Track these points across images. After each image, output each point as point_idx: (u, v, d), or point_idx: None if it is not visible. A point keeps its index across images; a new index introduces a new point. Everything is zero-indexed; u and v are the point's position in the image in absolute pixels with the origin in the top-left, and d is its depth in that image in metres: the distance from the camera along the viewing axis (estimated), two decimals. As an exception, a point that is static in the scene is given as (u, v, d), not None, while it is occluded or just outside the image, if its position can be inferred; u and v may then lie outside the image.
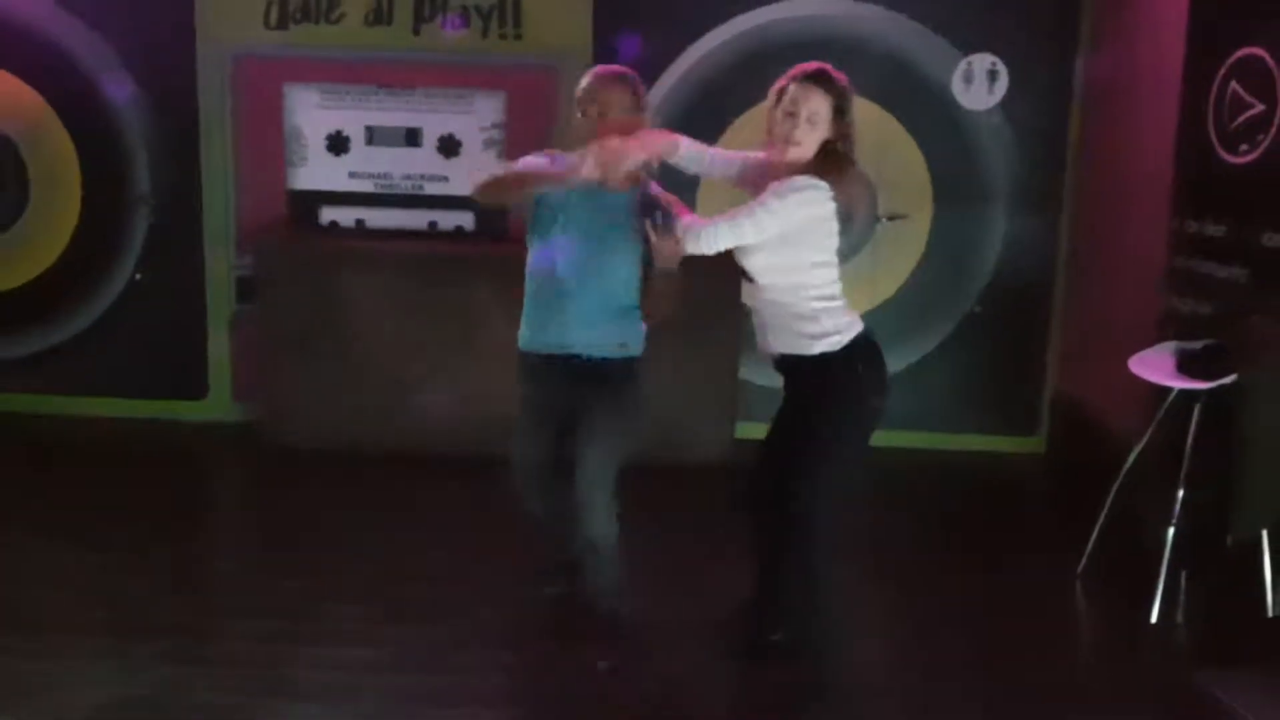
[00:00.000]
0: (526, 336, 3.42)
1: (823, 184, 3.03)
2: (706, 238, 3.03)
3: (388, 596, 3.81)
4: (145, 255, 5.60)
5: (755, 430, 5.56)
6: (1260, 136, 4.01)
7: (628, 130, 3.17)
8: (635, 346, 3.40)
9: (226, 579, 4.01)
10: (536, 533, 3.70)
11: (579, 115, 3.29)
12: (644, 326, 3.42)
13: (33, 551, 4.10)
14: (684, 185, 4.93)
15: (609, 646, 3.42)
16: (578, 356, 3.35)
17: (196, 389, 5.70)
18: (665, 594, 3.89)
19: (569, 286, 3.29)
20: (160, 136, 5.49)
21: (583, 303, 3.31)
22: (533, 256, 3.37)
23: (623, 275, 3.32)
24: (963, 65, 5.38)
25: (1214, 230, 4.29)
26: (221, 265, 5.58)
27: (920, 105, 5.42)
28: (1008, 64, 5.36)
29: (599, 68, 3.38)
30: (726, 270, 5.20)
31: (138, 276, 5.61)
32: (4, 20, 5.40)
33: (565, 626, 3.62)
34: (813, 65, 3.15)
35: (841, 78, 3.14)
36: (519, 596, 3.79)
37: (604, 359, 3.35)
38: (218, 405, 5.71)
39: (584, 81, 3.31)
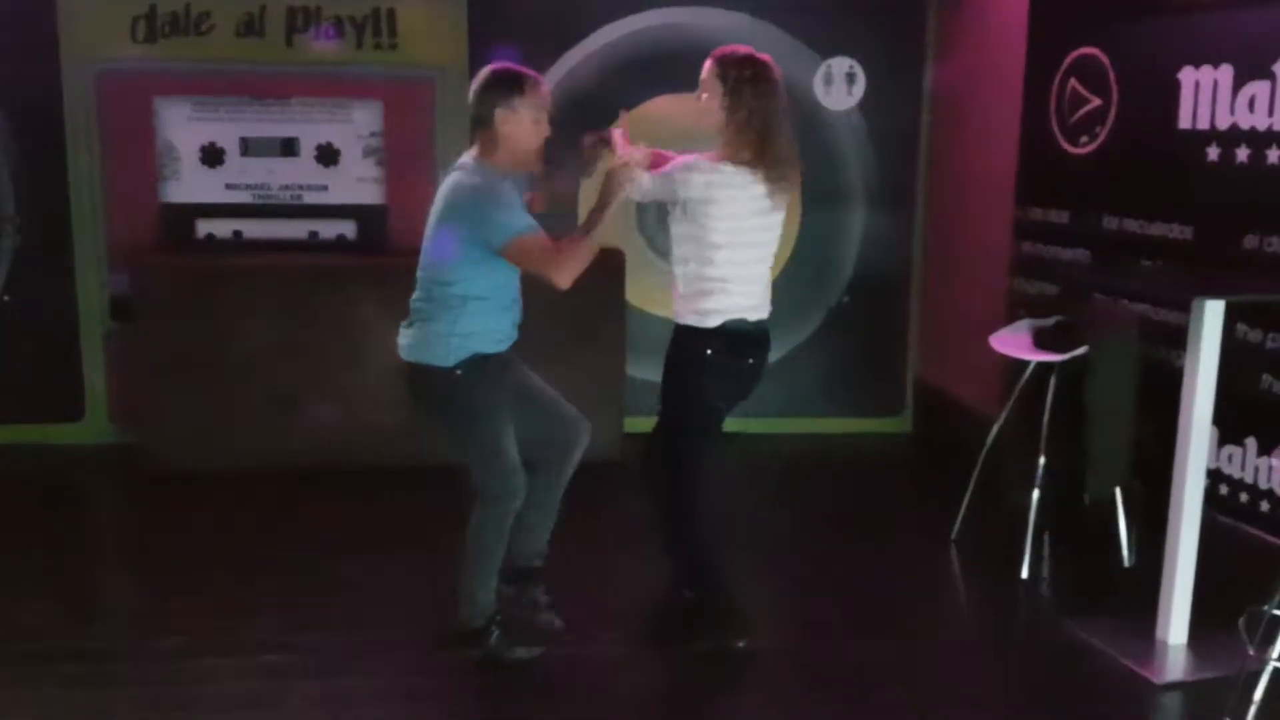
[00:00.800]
0: (497, 339, 3.37)
1: (724, 167, 3.25)
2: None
3: (294, 607, 3.83)
4: (13, 277, 5.42)
5: (643, 425, 5.77)
6: (1098, 128, 4.41)
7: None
8: None
9: (130, 602, 3.94)
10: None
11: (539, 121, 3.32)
12: None
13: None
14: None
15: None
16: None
17: (72, 411, 5.55)
18: (571, 586, 4.02)
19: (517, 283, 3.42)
20: (25, 155, 5.33)
21: None
22: (499, 271, 3.29)
23: None
24: (823, 68, 5.68)
25: (1058, 217, 4.67)
26: (94, 284, 5.45)
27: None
28: (865, 67, 5.69)
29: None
30: (611, 270, 5.39)
31: (6, 298, 5.42)
32: None
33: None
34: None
35: (735, 51, 3.39)
36: (421, 598, 3.84)
37: None
38: (94, 428, 5.57)
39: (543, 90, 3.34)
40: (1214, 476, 3.81)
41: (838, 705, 3.28)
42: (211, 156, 5.42)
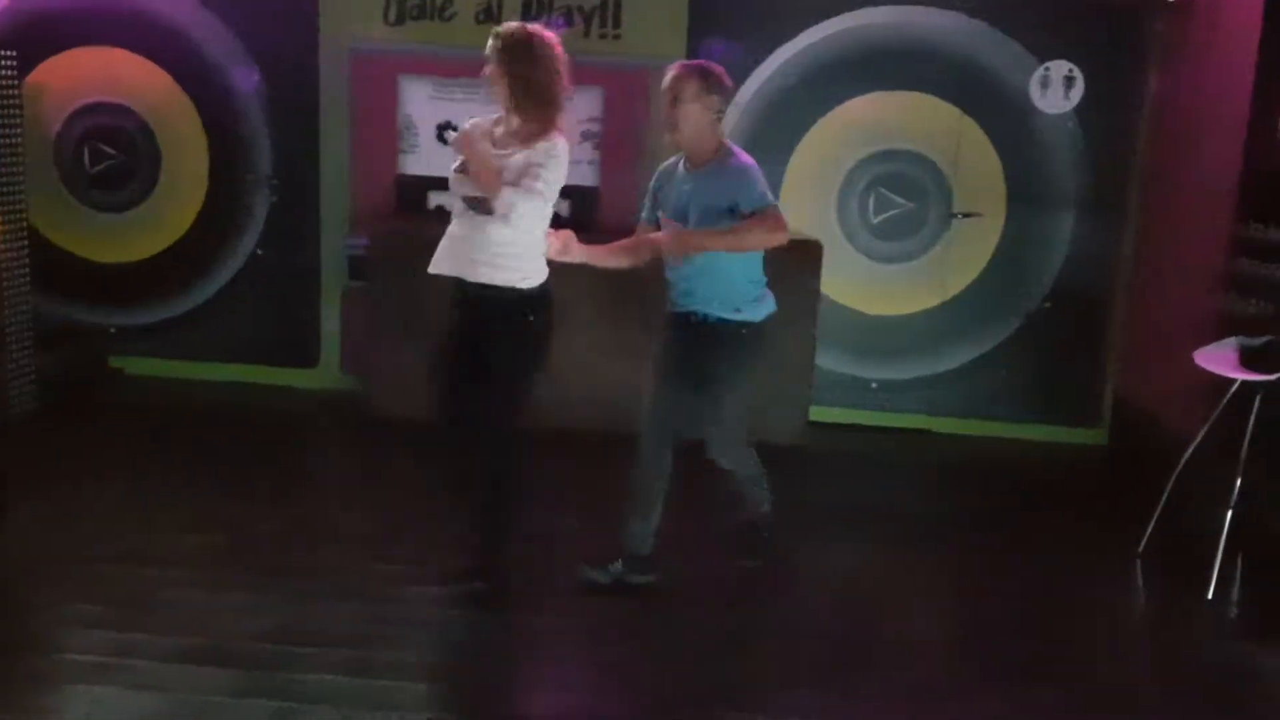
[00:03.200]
0: None
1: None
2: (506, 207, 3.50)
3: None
4: (266, 232, 6.04)
5: (829, 414, 5.91)
6: (1327, 146, 4.24)
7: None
8: None
9: (350, 531, 4.36)
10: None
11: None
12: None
13: (177, 501, 4.51)
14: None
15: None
16: None
17: (308, 359, 6.12)
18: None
19: None
20: (283, 123, 5.92)
21: None
22: None
23: None
24: (1040, 71, 5.62)
25: (1278, 234, 4.52)
26: (336, 244, 5.99)
27: (997, 108, 5.68)
28: (1084, 71, 5.60)
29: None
30: (807, 260, 5.53)
31: (259, 252, 6.05)
32: (146, 13, 5.85)
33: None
34: None
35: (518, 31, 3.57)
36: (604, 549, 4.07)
37: None
38: (326, 375, 6.12)
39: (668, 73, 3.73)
40: None
41: (997, 699, 3.35)
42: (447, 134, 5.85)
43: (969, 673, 3.50)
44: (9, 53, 5.23)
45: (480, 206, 3.54)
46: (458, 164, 3.65)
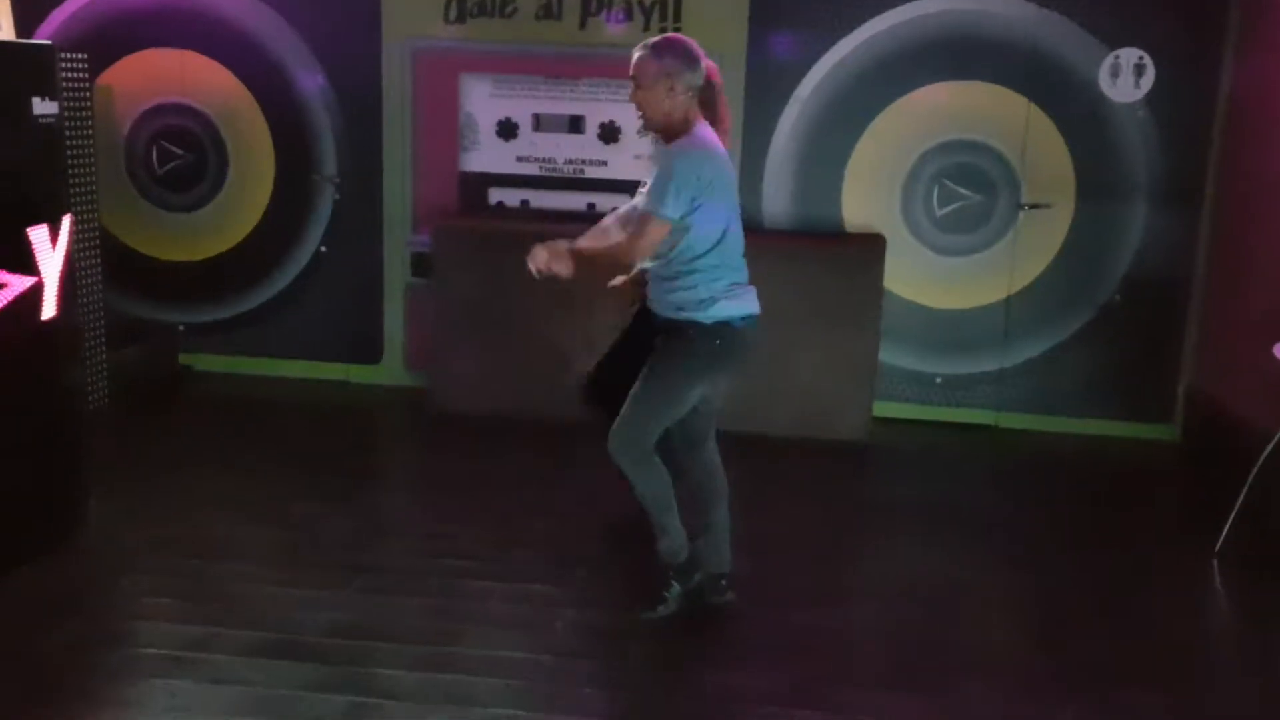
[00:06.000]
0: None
1: None
2: None
3: (564, 545, 4.18)
4: (330, 230, 6.09)
5: (893, 409, 5.85)
6: None
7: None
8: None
9: (417, 526, 4.40)
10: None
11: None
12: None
13: (247, 495, 4.58)
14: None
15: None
16: None
17: (372, 355, 6.17)
18: (786, 559, 4.18)
19: None
20: (346, 122, 5.97)
21: None
22: None
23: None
24: (1110, 59, 5.50)
25: (1363, 223, 4.39)
26: (398, 241, 6.03)
27: (1066, 97, 5.57)
28: (1155, 59, 5.47)
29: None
30: (871, 255, 5.46)
31: (323, 249, 6.11)
32: (211, 14, 5.94)
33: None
34: None
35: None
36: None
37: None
38: (390, 371, 6.17)
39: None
40: None
41: (1080, 703, 3.29)
42: (506, 130, 5.86)
43: (1049, 674, 3.44)
44: (80, 55, 5.32)
45: None
46: None
